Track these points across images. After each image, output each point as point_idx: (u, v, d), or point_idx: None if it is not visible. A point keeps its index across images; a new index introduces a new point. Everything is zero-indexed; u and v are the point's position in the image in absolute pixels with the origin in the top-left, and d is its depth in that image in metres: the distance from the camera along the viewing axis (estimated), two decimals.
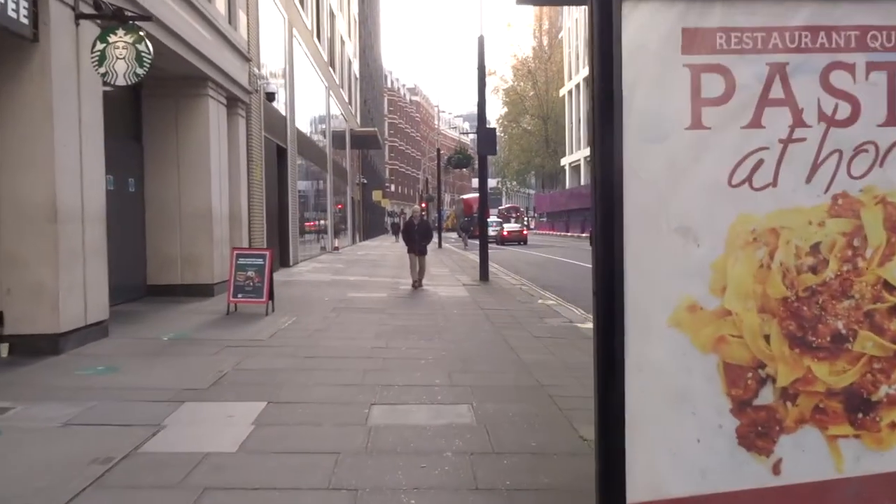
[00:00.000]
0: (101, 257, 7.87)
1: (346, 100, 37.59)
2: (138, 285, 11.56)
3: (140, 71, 7.24)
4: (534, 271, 20.64)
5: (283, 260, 18.80)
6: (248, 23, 14.55)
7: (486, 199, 16.76)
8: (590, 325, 9.95)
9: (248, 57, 14.09)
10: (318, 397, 5.44)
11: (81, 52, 7.28)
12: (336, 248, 29.88)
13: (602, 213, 1.91)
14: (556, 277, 18.41)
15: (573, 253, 31.22)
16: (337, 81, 33.03)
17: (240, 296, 9.79)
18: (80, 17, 7.20)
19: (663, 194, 1.88)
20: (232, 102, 13.37)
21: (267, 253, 9.97)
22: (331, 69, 30.57)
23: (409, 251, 14.44)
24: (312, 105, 25.42)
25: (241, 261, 9.84)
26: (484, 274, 16.10)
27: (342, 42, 35.96)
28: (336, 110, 32.22)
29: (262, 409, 5.05)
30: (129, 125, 11.50)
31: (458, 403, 5.28)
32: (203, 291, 11.71)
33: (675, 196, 1.88)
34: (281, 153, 18.93)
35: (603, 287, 1.92)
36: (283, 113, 19.30)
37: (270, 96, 15.76)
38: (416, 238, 14.25)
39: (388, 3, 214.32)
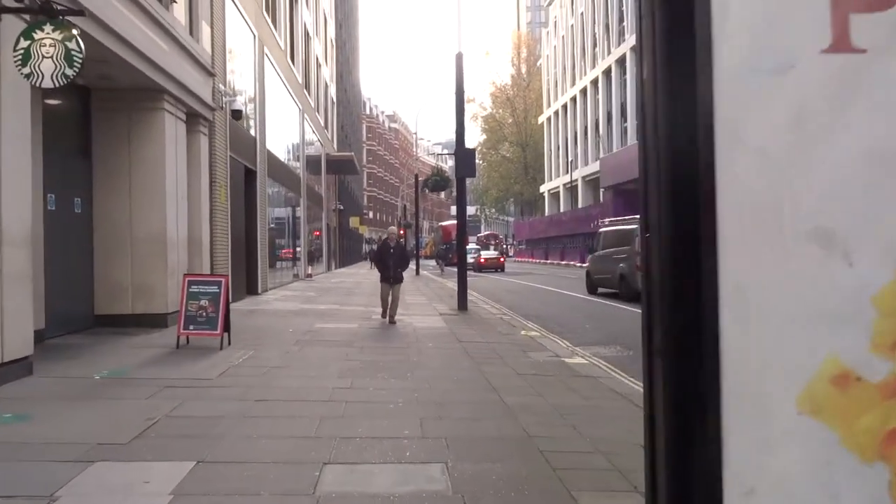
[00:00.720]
0: (25, 285, 6.87)
1: (322, 124, 36.80)
2: (84, 315, 10.53)
3: (70, 72, 6.33)
4: (514, 299, 19.78)
5: (250, 288, 17.79)
6: (212, 36, 13.70)
7: (465, 224, 15.93)
8: (579, 360, 9.08)
9: (211, 71, 13.22)
10: (260, 454, 4.49)
11: (3, 51, 6.37)
12: (309, 276, 28.85)
13: (671, 208, 1.06)
14: (538, 306, 17.57)
15: (553, 280, 30.39)
16: (312, 105, 32.25)
17: (191, 327, 8.80)
18: (0, 10, 6.29)
19: (786, 171, 1.03)
20: (193, 119, 12.47)
21: (222, 280, 9.01)
22: (305, 92, 29.80)
23: (381, 279, 12.65)
24: (285, 127, 24.57)
25: (194, 288, 8.87)
26: (462, 303, 15.21)
27: (318, 65, 35.26)
28: (311, 134, 31.39)
29: (189, 471, 4.09)
30: (77, 140, 10.55)
31: (431, 462, 4.36)
32: (156, 322, 10.70)
33: (808, 174, 1.03)
34: (249, 175, 18.01)
35: (672, 340, 1.05)
36: (253, 134, 18.42)
37: (237, 114, 14.87)
38: (391, 264, 12.54)
39: (368, 30, 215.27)
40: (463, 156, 15.40)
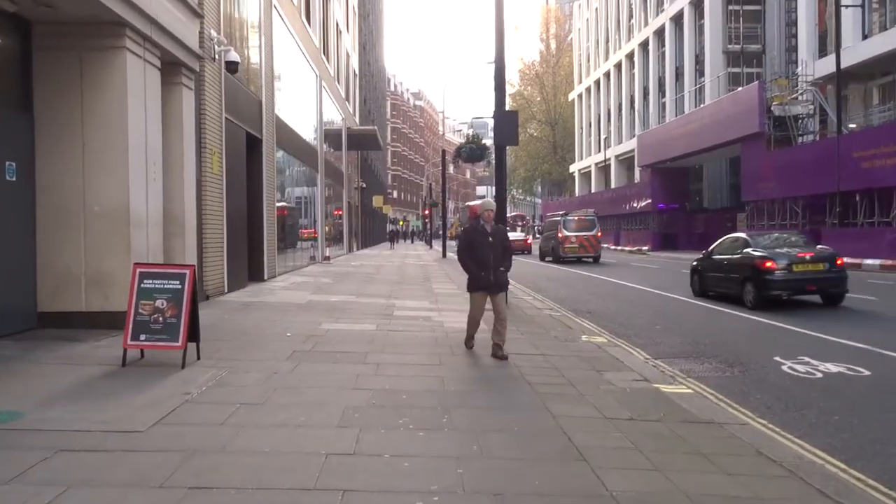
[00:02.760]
0: None
1: (343, 96, 34.23)
2: (21, 312, 8.17)
3: None
4: (556, 289, 17.19)
5: (253, 274, 15.40)
6: None
7: (505, 199, 13.32)
8: (678, 387, 6.47)
9: (198, 11, 10.71)
10: None
11: None
12: (327, 258, 26.46)
13: None
14: (585, 297, 15.00)
15: (585, 263, 27.73)
16: (331, 73, 29.69)
17: (143, 337, 6.37)
18: None
19: None
20: (171, 68, 9.99)
21: (186, 272, 6.54)
22: (324, 58, 27.22)
23: (472, 286, 7.61)
24: (299, 94, 22.07)
25: (147, 283, 6.43)
26: None
27: (338, 32, 32.63)
28: (330, 104, 28.86)
29: None
30: (11, 88, 8.14)
31: None
32: (115, 322, 8.23)
33: None
34: (253, 143, 15.52)
35: None
36: (258, 97, 15.93)
37: (232, 66, 12.37)
38: (491, 260, 7.49)
39: (392, 5, 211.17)
40: (503, 120, 12.78)
